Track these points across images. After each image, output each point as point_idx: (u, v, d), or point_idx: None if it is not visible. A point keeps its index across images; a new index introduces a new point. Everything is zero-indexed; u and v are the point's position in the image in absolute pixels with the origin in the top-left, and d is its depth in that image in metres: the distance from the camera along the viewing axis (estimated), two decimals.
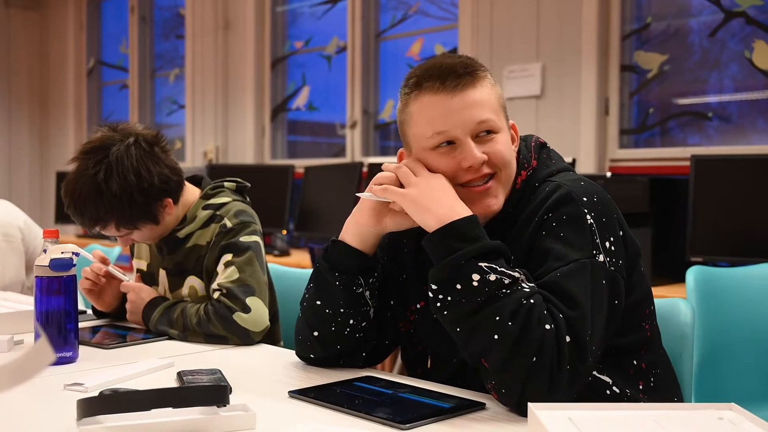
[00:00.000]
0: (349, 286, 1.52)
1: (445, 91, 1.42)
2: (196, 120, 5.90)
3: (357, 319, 1.54)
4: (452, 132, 1.42)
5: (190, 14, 5.93)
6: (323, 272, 1.53)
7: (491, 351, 1.26)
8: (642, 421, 1.07)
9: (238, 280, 1.93)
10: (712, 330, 2.27)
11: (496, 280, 1.27)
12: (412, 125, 1.47)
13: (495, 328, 1.25)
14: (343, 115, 5.07)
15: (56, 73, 7.27)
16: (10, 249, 2.78)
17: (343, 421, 1.24)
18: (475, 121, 1.42)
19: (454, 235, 1.32)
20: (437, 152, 1.44)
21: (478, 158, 1.41)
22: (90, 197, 1.91)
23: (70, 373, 1.56)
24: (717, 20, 3.52)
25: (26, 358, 0.82)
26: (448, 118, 1.42)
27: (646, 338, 1.48)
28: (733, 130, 3.53)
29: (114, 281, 2.11)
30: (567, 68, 3.86)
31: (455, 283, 1.29)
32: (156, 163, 1.96)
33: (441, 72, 1.43)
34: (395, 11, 4.90)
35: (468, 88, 1.42)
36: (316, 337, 1.56)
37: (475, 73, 1.44)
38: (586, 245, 1.35)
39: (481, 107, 1.43)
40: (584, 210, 1.37)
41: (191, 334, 1.91)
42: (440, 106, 1.42)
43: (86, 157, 1.94)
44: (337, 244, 1.53)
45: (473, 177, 1.43)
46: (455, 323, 1.31)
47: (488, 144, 1.43)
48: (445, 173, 1.43)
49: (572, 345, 1.25)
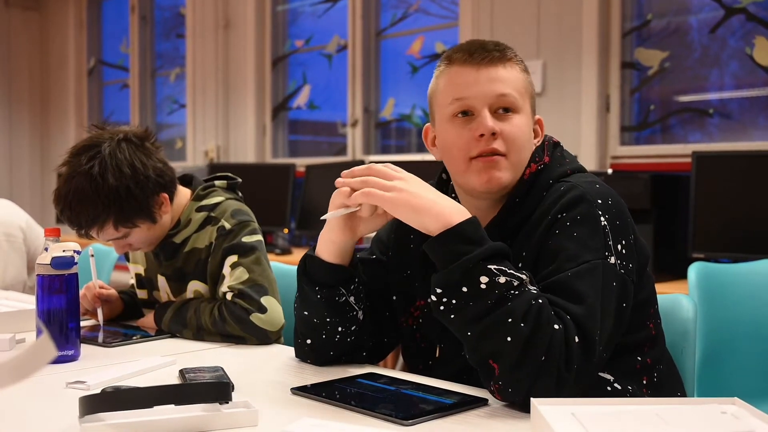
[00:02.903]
0: (331, 298, 1.51)
1: (472, 63, 1.45)
2: (197, 119, 5.90)
3: (345, 326, 1.53)
4: (471, 101, 1.44)
5: (191, 13, 5.93)
6: (304, 287, 1.53)
7: (503, 352, 1.24)
8: (645, 416, 1.07)
9: (249, 280, 1.90)
10: (715, 326, 2.27)
11: (506, 282, 1.26)
12: (437, 94, 1.50)
13: (508, 330, 1.24)
14: (344, 113, 5.07)
15: (57, 72, 7.27)
16: (12, 249, 2.78)
17: (346, 418, 1.24)
18: (495, 94, 1.43)
19: (461, 238, 1.30)
20: (454, 122, 1.46)
21: (489, 127, 1.41)
22: (86, 194, 1.86)
23: (72, 371, 1.55)
24: (717, 17, 3.52)
25: (28, 354, 0.82)
26: (470, 87, 1.44)
27: (650, 336, 1.48)
28: (733, 127, 3.53)
29: (109, 301, 2.11)
30: (568, 65, 3.86)
31: (462, 287, 1.27)
32: (149, 157, 1.94)
33: (471, 46, 1.47)
34: (396, 9, 4.90)
35: (495, 63, 1.45)
36: (309, 345, 1.56)
37: (504, 52, 1.47)
38: (598, 246, 1.34)
39: (504, 83, 1.44)
40: (598, 212, 1.37)
41: (207, 334, 1.88)
42: (465, 75, 1.45)
43: (77, 157, 1.90)
44: (313, 260, 1.51)
45: (483, 149, 1.43)
46: (464, 327, 1.29)
47: (504, 122, 1.44)
48: (459, 144, 1.44)
49: (581, 344, 1.25)
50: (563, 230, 1.37)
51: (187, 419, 1.18)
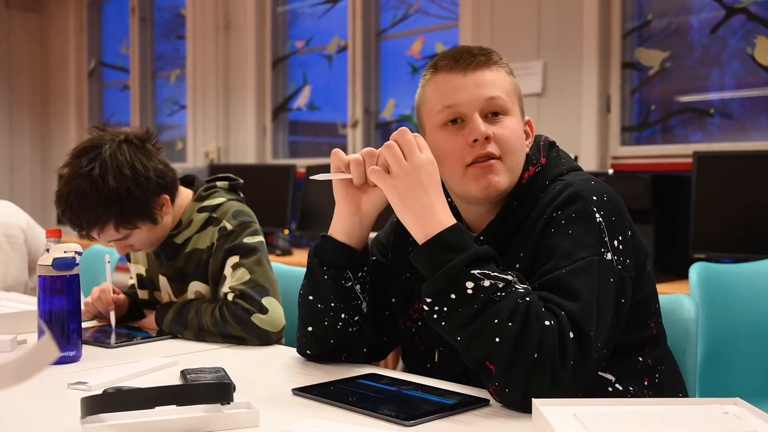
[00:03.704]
0: (337, 280, 1.52)
1: (459, 69, 1.45)
2: (197, 120, 5.90)
3: (348, 314, 1.54)
4: (461, 108, 1.44)
5: (191, 15, 5.93)
6: (313, 267, 1.54)
7: (494, 353, 1.25)
8: (647, 417, 1.07)
9: (250, 281, 1.91)
10: (716, 326, 2.27)
11: (491, 285, 1.27)
12: (425, 103, 1.50)
13: (495, 331, 1.24)
14: (344, 114, 5.07)
15: (57, 74, 7.27)
16: (13, 250, 2.78)
17: (347, 419, 1.24)
18: (484, 98, 1.44)
19: (443, 246, 1.31)
20: (446, 130, 1.45)
21: (483, 132, 1.41)
22: (87, 196, 1.87)
23: (74, 372, 1.55)
24: (718, 17, 3.52)
25: (29, 355, 0.82)
26: (459, 94, 1.44)
27: (651, 336, 1.48)
28: (734, 127, 3.53)
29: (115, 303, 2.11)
30: (568, 66, 3.86)
31: (450, 294, 1.28)
32: (150, 158, 1.94)
33: (456, 53, 1.48)
34: (396, 10, 4.90)
35: (482, 68, 1.45)
36: (310, 333, 1.57)
37: (490, 56, 1.48)
38: (594, 243, 1.34)
39: (492, 86, 1.45)
40: (593, 208, 1.37)
41: (208, 334, 1.88)
42: (452, 82, 1.45)
43: (78, 158, 1.91)
44: (325, 239, 1.54)
45: (478, 154, 1.42)
46: (454, 332, 1.30)
47: (496, 125, 1.44)
48: (452, 152, 1.43)
49: (576, 339, 1.25)
50: (559, 228, 1.37)
51: (188, 420, 1.18)
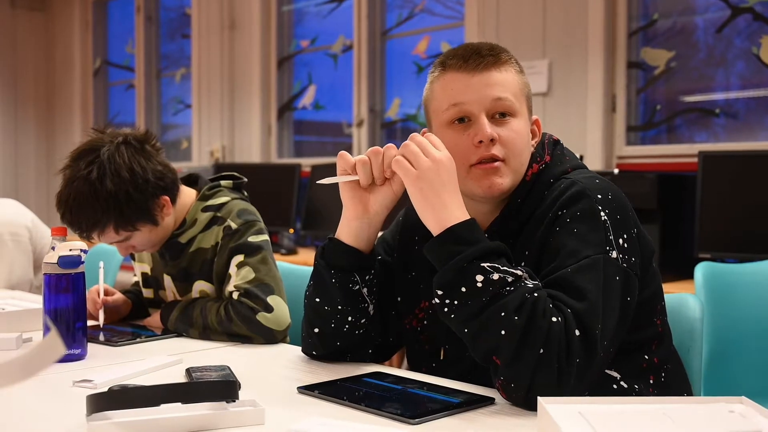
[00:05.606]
0: (345, 284, 1.51)
1: (467, 69, 1.45)
2: (202, 119, 5.90)
3: (355, 317, 1.53)
4: (468, 107, 1.43)
5: (196, 14, 5.94)
6: (320, 270, 1.53)
7: (500, 347, 1.26)
8: (653, 415, 1.07)
9: (255, 279, 1.90)
10: (721, 325, 2.27)
11: (500, 279, 1.27)
12: (433, 101, 1.50)
13: (501, 324, 1.25)
14: (349, 113, 5.07)
15: (62, 73, 7.28)
16: (18, 248, 2.78)
17: (352, 417, 1.24)
18: (491, 98, 1.43)
19: (454, 239, 1.32)
20: (452, 129, 1.45)
21: (488, 133, 1.41)
22: (86, 199, 1.86)
23: (79, 369, 1.56)
24: (723, 17, 3.51)
25: (35, 352, 0.82)
26: (466, 93, 1.44)
27: (657, 334, 1.48)
28: (740, 127, 3.52)
29: (115, 305, 2.11)
30: (574, 65, 3.85)
31: (460, 286, 1.28)
32: (148, 160, 1.93)
33: (465, 52, 1.47)
34: (401, 9, 4.90)
35: (490, 68, 1.44)
36: (317, 334, 1.56)
37: (499, 56, 1.46)
38: (599, 241, 1.34)
39: (501, 86, 1.44)
40: (598, 207, 1.37)
41: (213, 333, 1.88)
42: (460, 81, 1.45)
43: (77, 161, 1.90)
44: (332, 242, 1.52)
45: (483, 156, 1.42)
46: (462, 325, 1.30)
47: (502, 127, 1.44)
48: (457, 151, 1.42)
49: (581, 338, 1.25)
50: (564, 227, 1.37)
51: (193, 418, 1.18)
